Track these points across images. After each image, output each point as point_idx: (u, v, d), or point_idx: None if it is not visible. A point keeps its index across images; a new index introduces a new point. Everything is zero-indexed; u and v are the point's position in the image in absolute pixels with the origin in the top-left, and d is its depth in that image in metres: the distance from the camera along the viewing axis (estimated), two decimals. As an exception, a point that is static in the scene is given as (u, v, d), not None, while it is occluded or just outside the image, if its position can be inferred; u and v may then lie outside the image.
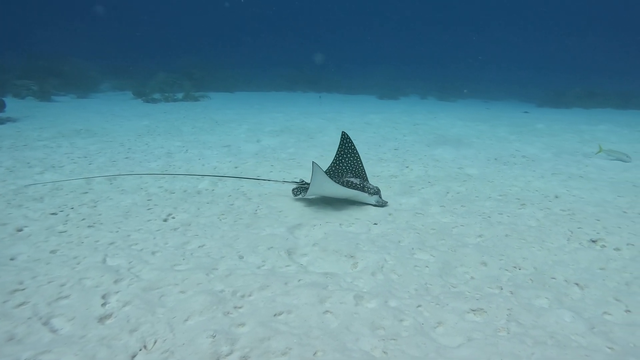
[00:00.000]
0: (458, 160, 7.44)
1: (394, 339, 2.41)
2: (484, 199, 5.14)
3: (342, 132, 5.26)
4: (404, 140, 9.51)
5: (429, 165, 6.96)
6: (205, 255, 3.46)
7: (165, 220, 4.21)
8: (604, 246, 3.86)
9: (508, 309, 2.78)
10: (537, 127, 12.29)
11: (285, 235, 3.86)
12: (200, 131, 10.04)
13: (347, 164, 5.23)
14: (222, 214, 4.44)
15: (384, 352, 2.30)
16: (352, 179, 4.94)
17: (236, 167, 6.55)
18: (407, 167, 6.77)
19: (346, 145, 5.24)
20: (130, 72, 24.03)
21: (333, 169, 5.28)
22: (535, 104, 26.39)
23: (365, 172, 5.15)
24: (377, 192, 4.83)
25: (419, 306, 2.78)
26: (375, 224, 4.27)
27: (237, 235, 3.89)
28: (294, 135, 9.94)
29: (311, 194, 4.59)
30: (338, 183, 4.60)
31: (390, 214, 4.54)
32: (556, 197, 5.30)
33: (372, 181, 5.74)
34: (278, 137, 9.50)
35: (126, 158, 6.91)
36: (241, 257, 3.44)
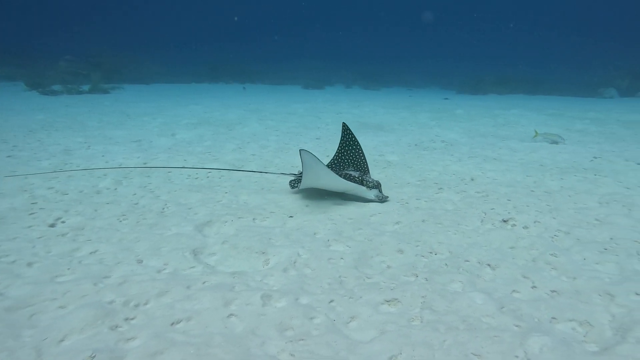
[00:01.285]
0: (379, 147, 7.54)
1: (302, 339, 2.30)
2: (403, 185, 5.21)
3: (343, 123, 5.18)
4: (326, 128, 9.50)
5: (350, 153, 6.97)
6: (97, 262, 3.13)
7: (52, 226, 3.78)
8: (514, 225, 4.04)
9: (422, 297, 2.77)
10: (456, 113, 12.89)
11: (193, 234, 3.61)
12: (107, 125, 9.34)
13: (348, 156, 5.11)
14: (124, 215, 4.08)
15: (292, 355, 2.18)
16: (351, 172, 4.77)
17: (145, 164, 6.12)
18: (327, 156, 6.73)
19: (347, 136, 5.12)
20: (21, 59, 21.75)
21: (335, 162, 5.15)
22: (455, 91, 27.83)
23: (367, 165, 5.05)
24: (376, 185, 4.63)
25: (331, 301, 2.69)
26: (291, 216, 4.15)
27: (138, 237, 3.58)
28: (212, 127, 9.57)
29: (305, 185, 4.39)
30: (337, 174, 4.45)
31: (307, 205, 4.44)
32: (472, 179, 5.51)
33: (290, 171, 5.62)
34: (195, 130, 9.08)
35: (8, 157, 6.19)
36: (140, 262, 3.16)
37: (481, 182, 5.38)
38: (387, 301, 2.74)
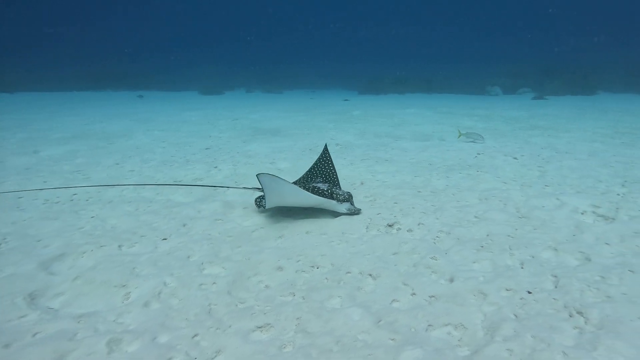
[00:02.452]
0: (272, 154, 7.40)
1: (152, 391, 2.04)
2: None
3: (325, 144, 5.21)
4: (219, 137, 9.16)
5: (240, 162, 6.74)
6: None
7: None
8: (399, 229, 4.09)
9: (297, 318, 2.64)
10: (354, 114, 13.20)
11: (34, 274, 3.15)
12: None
13: (318, 169, 4.90)
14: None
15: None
16: (319, 185, 4.47)
17: (-8, 188, 5.35)
18: (215, 167, 6.43)
19: (323, 156, 5.03)
20: None
21: (305, 176, 4.94)
22: (357, 92, 28.77)
23: (337, 177, 4.79)
24: (347, 198, 4.39)
25: (195, 336, 2.46)
26: (164, 239, 3.83)
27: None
28: (90, 141, 8.77)
29: (271, 204, 4.08)
30: (303, 189, 4.14)
31: (184, 225, 4.14)
32: (362, 183, 5.56)
33: (172, 190, 5.26)
34: (67, 146, 8.24)
35: None
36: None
37: (371, 185, 5.44)
38: (259, 327, 2.56)
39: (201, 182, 5.64)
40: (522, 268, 3.37)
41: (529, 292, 3.03)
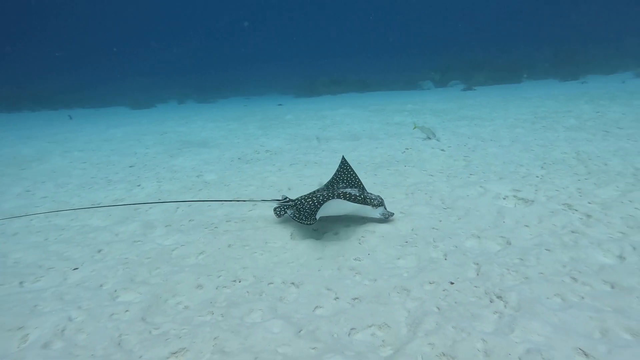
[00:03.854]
0: (199, 167, 7.21)
1: None
2: (215, 207, 4.98)
3: (342, 156, 4.93)
4: (144, 153, 8.82)
5: (164, 178, 6.51)
6: None
7: None
8: (324, 232, 4.09)
9: (215, 339, 2.56)
10: (286, 119, 13.18)
11: None
12: None
13: (340, 178, 4.67)
14: None
15: None
16: (349, 190, 4.24)
17: None
18: (138, 185, 6.17)
19: (343, 167, 4.76)
20: None
21: (326, 185, 4.70)
22: (293, 95, 28.83)
23: (361, 182, 4.57)
24: (381, 202, 4.19)
25: (101, 373, 2.31)
26: (75, 268, 3.61)
27: None
28: (-4, 168, 8.14)
29: (319, 215, 3.72)
30: (335, 196, 3.97)
31: (100, 251, 3.93)
32: (289, 189, 5.53)
33: (89, 214, 5.00)
34: (-33, 175, 7.60)
35: None
36: None
37: (298, 190, 5.43)
38: (173, 354, 2.46)
39: (122, 203, 5.38)
40: (445, 259, 3.47)
41: (452, 283, 3.12)
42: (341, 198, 3.90)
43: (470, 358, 2.34)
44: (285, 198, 4.41)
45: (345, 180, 4.60)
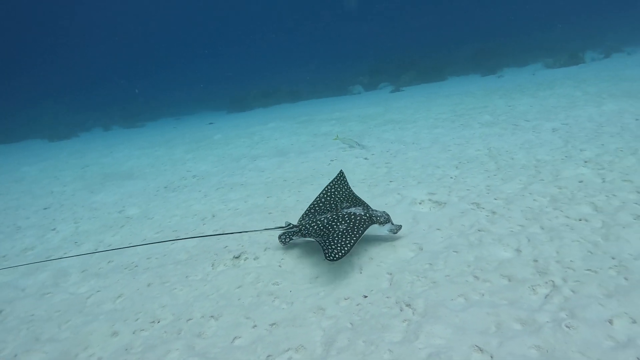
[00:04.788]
0: (122, 200, 7.03)
1: None
2: (138, 242, 4.90)
3: (340, 170, 4.83)
4: (61, 192, 8.45)
5: (83, 218, 6.30)
6: None
7: None
8: (246, 259, 4.15)
9: (126, 389, 2.55)
10: (215, 139, 13.07)
11: None
12: None
13: (338, 194, 4.51)
14: None
15: None
16: (352, 210, 4.07)
17: None
18: (53, 229, 5.94)
19: (338, 181, 4.67)
20: None
21: (319, 205, 4.45)
22: (226, 111, 28.57)
23: (363, 201, 4.38)
24: (387, 219, 4.06)
25: None
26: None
27: None
28: None
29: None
30: (336, 216, 3.97)
31: (1, 311, 3.75)
32: (213, 216, 5.54)
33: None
34: None
35: None
36: None
37: (222, 216, 5.45)
38: (84, 411, 2.42)
39: (31, 252, 5.16)
40: (360, 273, 3.62)
41: (365, 297, 3.27)
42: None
43: (378, 370, 2.48)
44: (289, 224, 4.28)
45: (346, 197, 4.47)
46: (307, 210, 4.45)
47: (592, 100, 9.51)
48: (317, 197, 4.55)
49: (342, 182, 4.66)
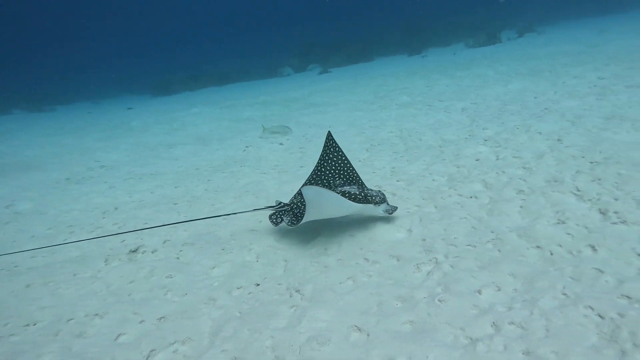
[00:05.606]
0: (13, 194, 6.52)
1: None
2: (22, 242, 4.60)
3: (328, 132, 4.43)
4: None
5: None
6: None
7: None
8: (144, 252, 4.04)
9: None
10: (132, 125, 12.52)
11: None
12: None
13: (331, 168, 4.28)
14: None
15: None
16: (346, 188, 3.96)
17: None
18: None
19: (330, 147, 4.33)
20: None
21: (315, 179, 4.29)
22: (150, 95, 27.39)
23: (358, 175, 4.23)
24: (383, 198, 3.92)
25: None
26: None
27: None
28: None
29: (308, 218, 3.58)
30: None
31: None
32: (116, 208, 5.33)
33: None
34: None
35: None
36: None
37: (123, 209, 5.25)
38: None
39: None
40: (257, 261, 3.64)
41: (257, 285, 3.29)
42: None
43: (259, 356, 2.51)
44: (280, 203, 4.13)
45: (339, 173, 4.29)
46: (301, 187, 4.27)
47: (501, 79, 10.08)
48: (311, 173, 4.42)
49: (333, 149, 4.38)
